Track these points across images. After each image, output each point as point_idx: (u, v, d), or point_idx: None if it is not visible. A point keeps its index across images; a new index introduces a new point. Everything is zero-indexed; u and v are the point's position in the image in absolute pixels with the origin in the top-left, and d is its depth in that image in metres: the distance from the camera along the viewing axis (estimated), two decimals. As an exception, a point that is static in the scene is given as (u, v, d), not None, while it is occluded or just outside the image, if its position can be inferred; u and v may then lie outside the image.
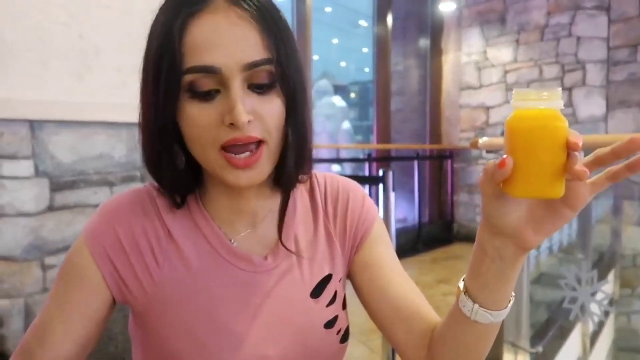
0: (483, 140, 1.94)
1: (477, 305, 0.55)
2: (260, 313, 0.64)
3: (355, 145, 8.55)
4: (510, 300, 0.57)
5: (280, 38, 0.57)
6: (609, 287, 3.11)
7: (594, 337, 2.50)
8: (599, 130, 4.75)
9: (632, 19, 4.52)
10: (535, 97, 0.45)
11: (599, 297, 1.48)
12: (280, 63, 0.56)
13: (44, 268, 1.97)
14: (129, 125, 2.14)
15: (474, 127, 5.72)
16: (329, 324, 0.67)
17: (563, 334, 2.16)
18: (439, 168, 6.08)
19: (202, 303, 0.62)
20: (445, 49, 6.02)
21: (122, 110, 2.10)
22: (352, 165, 7.57)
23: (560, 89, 0.45)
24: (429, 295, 0.66)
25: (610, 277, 3.21)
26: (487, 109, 5.61)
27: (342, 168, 7.35)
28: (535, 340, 1.89)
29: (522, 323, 1.53)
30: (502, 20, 5.43)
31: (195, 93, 0.55)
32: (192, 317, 0.61)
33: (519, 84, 5.29)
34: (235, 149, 0.56)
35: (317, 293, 0.68)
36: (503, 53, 5.44)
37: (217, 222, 0.66)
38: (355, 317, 0.76)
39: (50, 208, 1.95)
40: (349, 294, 0.73)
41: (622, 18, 4.57)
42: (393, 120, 5.81)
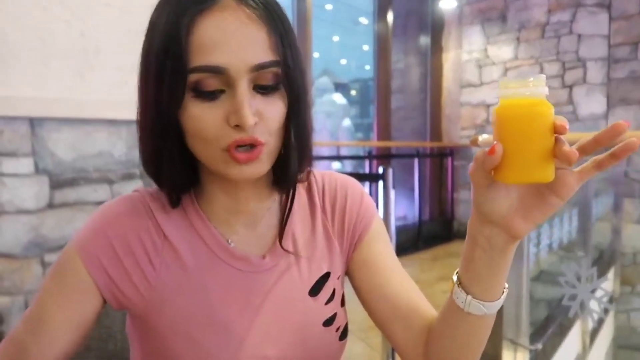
0: (483, 138, 1.94)
1: (470, 297, 0.56)
2: (259, 313, 0.63)
3: (356, 143, 8.56)
4: (504, 292, 0.57)
5: (287, 39, 0.56)
6: (609, 284, 3.11)
7: (594, 334, 2.50)
8: (600, 128, 4.70)
9: (633, 17, 4.51)
10: (521, 85, 0.46)
11: (599, 294, 1.48)
12: (287, 65, 0.56)
13: (44, 265, 1.97)
14: (129, 123, 2.14)
15: (475, 124, 5.72)
16: (328, 322, 0.67)
17: (563, 332, 2.16)
18: (440, 166, 6.08)
19: (200, 305, 0.61)
20: (446, 47, 6.01)
21: (122, 108, 2.10)
22: (352, 163, 7.57)
23: (544, 76, 0.46)
24: (429, 293, 0.66)
25: (610, 274, 3.21)
26: (487, 107, 5.60)
27: (342, 165, 7.35)
28: (535, 338, 1.89)
29: (521, 320, 1.53)
30: (502, 18, 5.42)
31: (200, 92, 0.54)
32: (190, 319, 0.61)
33: (520, 82, 5.28)
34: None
35: (315, 291, 0.67)
36: (504, 51, 5.43)
37: (213, 222, 0.65)
38: (355, 314, 0.76)
39: (50, 205, 1.96)
40: (349, 292, 0.73)
41: (623, 15, 4.56)
42: (393, 118, 5.81)
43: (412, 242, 5.26)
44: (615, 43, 4.63)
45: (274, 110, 0.56)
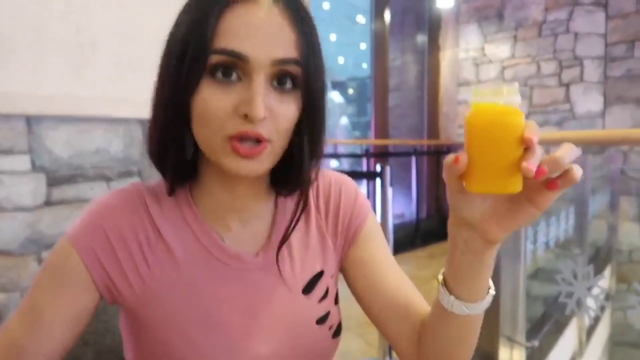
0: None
1: (453, 297, 0.56)
2: (252, 311, 0.63)
3: (353, 141, 8.56)
4: (489, 294, 0.57)
5: (311, 41, 0.57)
6: (605, 282, 3.13)
7: (590, 331, 2.51)
8: (597, 126, 4.76)
9: (629, 15, 4.52)
10: (493, 93, 0.45)
11: (595, 292, 1.48)
12: (307, 67, 0.56)
13: (41, 262, 1.97)
14: (126, 120, 2.14)
15: (472, 123, 5.72)
16: (321, 320, 0.67)
17: (559, 329, 2.17)
18: (437, 163, 6.08)
19: (193, 303, 0.61)
20: (443, 45, 6.02)
21: (119, 106, 2.09)
22: (349, 161, 7.57)
23: (517, 84, 0.45)
24: (426, 291, 0.66)
25: (607, 272, 3.23)
26: (484, 105, 5.61)
27: (339, 163, 7.35)
28: (532, 335, 1.90)
29: (518, 317, 1.54)
30: (499, 17, 5.43)
31: (217, 76, 0.54)
32: (183, 317, 0.61)
33: (517, 80, 5.29)
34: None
35: (308, 289, 0.67)
36: (501, 49, 5.44)
37: (208, 218, 0.65)
38: (352, 310, 0.76)
39: (47, 203, 1.95)
40: (346, 288, 0.73)
41: (619, 14, 4.57)
42: (391, 116, 5.81)
43: (409, 239, 5.27)
44: (612, 41, 4.64)
45: (286, 110, 0.56)
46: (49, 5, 1.90)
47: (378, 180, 2.48)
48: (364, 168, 5.56)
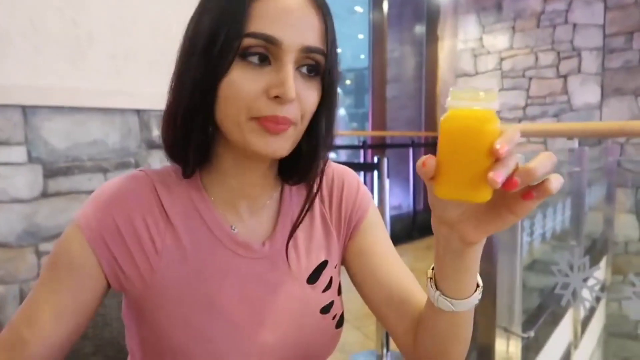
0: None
1: (438, 293, 0.56)
2: (258, 299, 0.64)
3: (351, 133, 8.52)
4: (476, 291, 0.56)
5: (332, 35, 0.60)
6: (601, 273, 3.14)
7: (586, 322, 2.53)
8: (594, 118, 4.76)
9: (628, 6, 4.51)
10: (471, 97, 0.43)
11: (591, 283, 1.49)
12: (330, 57, 0.59)
13: (39, 254, 1.97)
14: (123, 112, 2.13)
15: (469, 114, 5.71)
16: (325, 310, 0.68)
17: (555, 320, 2.18)
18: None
19: (199, 290, 0.61)
20: (442, 36, 5.99)
21: (115, 97, 2.08)
22: (347, 152, 7.55)
23: (497, 90, 0.43)
24: (424, 282, 0.67)
25: (603, 263, 3.24)
26: (482, 97, 5.60)
27: (337, 155, 7.34)
28: (528, 326, 1.91)
29: (514, 309, 1.55)
30: (498, 7, 5.40)
31: (249, 59, 0.55)
32: (190, 305, 0.61)
33: (515, 71, 5.29)
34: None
35: (313, 279, 0.68)
36: (499, 40, 5.42)
37: (218, 205, 0.65)
38: (350, 303, 0.76)
39: (44, 194, 1.95)
40: (344, 282, 0.74)
41: (618, 5, 4.56)
42: (388, 108, 5.79)
43: (406, 231, 5.28)
44: (611, 33, 4.63)
45: (310, 95, 0.59)
46: (45, -4, 1.88)
47: (375, 172, 2.48)
48: (361, 160, 5.56)
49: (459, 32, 5.80)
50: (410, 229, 5.35)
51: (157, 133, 2.25)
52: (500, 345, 1.55)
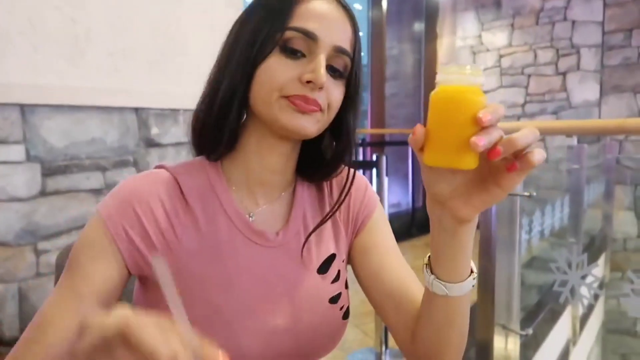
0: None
1: (433, 276, 0.59)
2: (271, 285, 0.67)
3: (350, 130, 8.50)
4: (470, 276, 0.59)
5: (358, 44, 0.67)
6: (600, 270, 3.15)
7: (584, 319, 2.53)
8: (593, 115, 4.76)
9: (627, 3, 4.50)
10: (458, 72, 0.47)
11: (589, 280, 1.50)
12: (356, 61, 0.67)
13: (37, 253, 1.97)
14: (121, 110, 2.12)
15: (468, 112, 5.71)
16: (334, 300, 0.71)
17: (554, 317, 2.19)
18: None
19: (217, 270, 0.64)
20: (440, 33, 5.98)
21: (114, 95, 2.08)
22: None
23: (482, 67, 0.47)
24: (422, 279, 0.68)
25: (601, 260, 3.25)
26: (481, 94, 5.60)
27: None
28: (526, 323, 1.92)
29: (512, 306, 1.55)
30: (497, 4, 5.40)
31: (287, 49, 0.62)
32: (207, 282, 0.63)
33: (514, 69, 5.29)
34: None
35: (323, 270, 0.72)
36: (498, 37, 5.41)
37: (237, 193, 0.69)
38: (350, 301, 0.77)
39: (43, 193, 1.95)
40: (349, 280, 0.76)
41: (617, 2, 4.55)
42: (387, 105, 5.79)
43: (405, 228, 5.29)
44: (609, 30, 4.63)
45: (337, 91, 0.65)
46: (42, -6, 1.88)
47: (374, 170, 2.48)
48: (360, 157, 5.56)
49: (458, 29, 5.80)
50: (409, 227, 5.36)
51: (155, 131, 2.25)
52: (499, 343, 1.56)
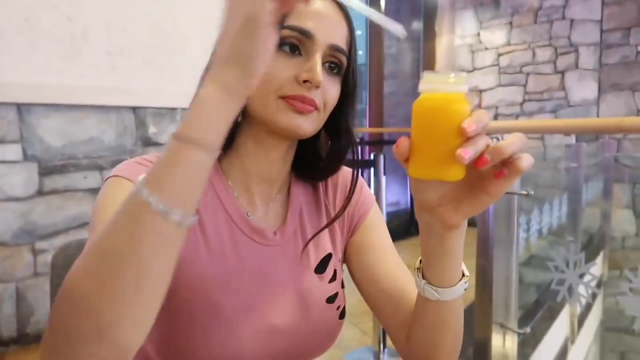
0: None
1: (424, 281, 0.58)
2: (269, 284, 0.67)
3: (348, 129, 8.51)
4: (462, 280, 0.58)
5: (354, 43, 0.68)
6: (598, 268, 3.15)
7: (582, 317, 2.54)
8: (591, 114, 4.76)
9: (625, 2, 4.50)
10: (441, 80, 0.45)
11: (587, 279, 1.50)
12: (351, 60, 0.67)
13: (35, 253, 1.96)
14: (119, 109, 2.12)
15: (467, 110, 5.71)
16: (331, 299, 0.71)
17: (551, 315, 2.19)
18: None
19: (217, 267, 0.64)
20: (439, 32, 5.98)
21: (111, 94, 2.08)
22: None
23: (466, 74, 0.46)
24: (420, 279, 0.67)
25: (599, 259, 3.25)
26: (480, 92, 5.60)
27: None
28: (524, 321, 1.92)
29: (511, 304, 1.55)
30: (495, 3, 5.40)
31: (283, 48, 0.61)
32: (207, 279, 0.63)
33: (512, 67, 5.29)
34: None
35: (321, 269, 0.72)
36: (496, 36, 5.41)
37: (236, 191, 0.69)
38: (348, 300, 0.78)
39: (40, 192, 1.94)
40: (344, 279, 0.76)
41: (615, 1, 4.55)
42: (386, 104, 5.78)
43: (404, 227, 5.28)
44: (608, 28, 4.63)
45: (333, 89, 0.65)
46: (39, -7, 1.87)
47: (372, 169, 2.48)
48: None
49: (457, 28, 5.79)
50: (408, 226, 5.36)
51: (153, 130, 2.24)
52: (497, 341, 1.56)
